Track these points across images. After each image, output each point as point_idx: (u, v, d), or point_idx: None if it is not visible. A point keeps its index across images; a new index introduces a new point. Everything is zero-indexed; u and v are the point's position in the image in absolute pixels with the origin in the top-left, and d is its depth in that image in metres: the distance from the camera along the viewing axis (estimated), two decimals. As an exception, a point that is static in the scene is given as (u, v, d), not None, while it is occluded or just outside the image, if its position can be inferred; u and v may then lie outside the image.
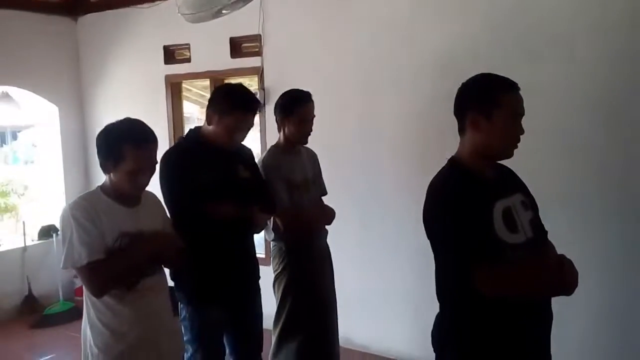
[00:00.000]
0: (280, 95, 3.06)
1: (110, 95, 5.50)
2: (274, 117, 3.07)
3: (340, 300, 3.30)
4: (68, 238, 2.00)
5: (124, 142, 2.03)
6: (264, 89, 4.41)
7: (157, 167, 2.20)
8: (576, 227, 3.20)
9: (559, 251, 1.98)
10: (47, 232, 5.58)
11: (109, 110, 5.48)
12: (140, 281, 2.11)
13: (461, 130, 1.93)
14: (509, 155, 1.90)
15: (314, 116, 3.02)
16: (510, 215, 1.86)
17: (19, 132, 15.77)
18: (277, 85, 4.30)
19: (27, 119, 5.79)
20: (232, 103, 2.49)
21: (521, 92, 1.88)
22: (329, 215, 3.14)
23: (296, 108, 2.96)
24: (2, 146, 16.96)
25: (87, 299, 2.10)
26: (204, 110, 2.62)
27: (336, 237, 3.30)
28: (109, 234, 2.04)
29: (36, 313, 5.06)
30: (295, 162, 3.05)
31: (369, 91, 3.98)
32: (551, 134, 3.27)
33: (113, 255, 2.03)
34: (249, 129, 2.59)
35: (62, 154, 5.57)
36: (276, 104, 3.05)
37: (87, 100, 5.69)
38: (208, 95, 4.93)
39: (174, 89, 5.08)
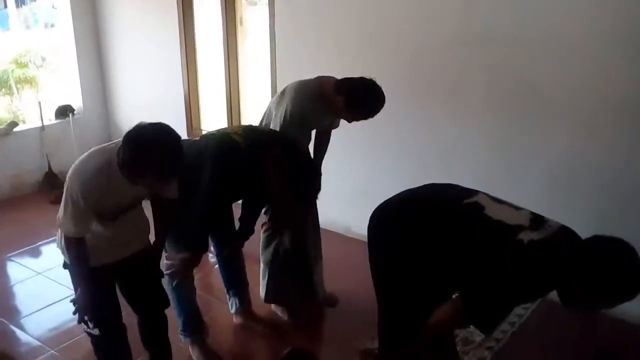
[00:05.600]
0: (359, 89, 2.90)
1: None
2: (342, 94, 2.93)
3: (346, 192, 3.64)
4: (69, 207, 2.12)
5: (149, 169, 2.01)
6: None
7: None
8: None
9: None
10: (63, 111, 5.65)
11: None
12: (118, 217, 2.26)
13: None
14: None
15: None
16: None
17: (38, -8, 15.44)
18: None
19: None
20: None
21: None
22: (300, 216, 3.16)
23: (364, 112, 2.93)
24: (21, 7, 16.72)
25: None
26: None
27: (345, 130, 3.32)
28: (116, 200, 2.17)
29: (56, 189, 5.19)
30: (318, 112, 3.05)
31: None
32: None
33: (84, 260, 2.23)
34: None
35: (74, 36, 5.60)
36: (351, 92, 2.90)
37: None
38: None
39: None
